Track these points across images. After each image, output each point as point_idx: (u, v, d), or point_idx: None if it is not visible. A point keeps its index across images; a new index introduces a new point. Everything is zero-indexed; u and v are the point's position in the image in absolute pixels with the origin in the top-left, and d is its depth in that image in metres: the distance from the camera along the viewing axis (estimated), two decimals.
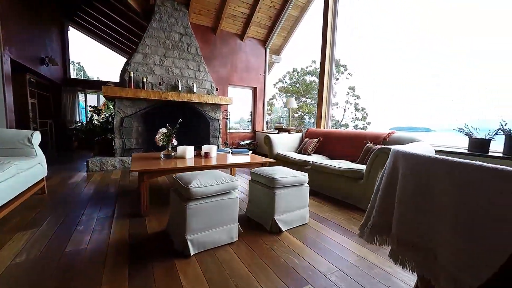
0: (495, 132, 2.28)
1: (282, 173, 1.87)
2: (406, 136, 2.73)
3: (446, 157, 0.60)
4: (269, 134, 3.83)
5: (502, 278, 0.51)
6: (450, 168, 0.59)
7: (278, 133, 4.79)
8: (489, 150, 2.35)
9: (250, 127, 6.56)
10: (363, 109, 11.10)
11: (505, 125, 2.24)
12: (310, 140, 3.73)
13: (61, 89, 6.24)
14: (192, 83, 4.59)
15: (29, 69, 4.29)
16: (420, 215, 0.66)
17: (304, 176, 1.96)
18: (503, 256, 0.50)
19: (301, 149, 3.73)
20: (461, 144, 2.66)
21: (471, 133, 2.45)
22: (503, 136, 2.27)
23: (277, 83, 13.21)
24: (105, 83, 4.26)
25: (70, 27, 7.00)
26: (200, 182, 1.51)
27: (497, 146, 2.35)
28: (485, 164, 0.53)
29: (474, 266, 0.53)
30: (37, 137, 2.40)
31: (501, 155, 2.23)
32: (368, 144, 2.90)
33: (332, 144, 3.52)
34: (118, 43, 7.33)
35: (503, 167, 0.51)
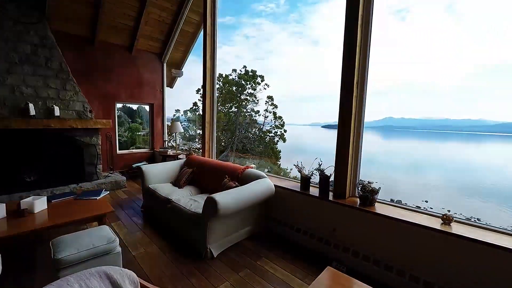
0: (311, 172, 2.64)
1: (76, 247, 1.67)
2: (255, 173, 2.90)
3: None
4: (142, 165, 3.57)
5: None
6: None
7: (162, 160, 4.56)
8: (311, 187, 2.72)
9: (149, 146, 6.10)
10: (280, 117, 11.93)
11: (320, 165, 2.61)
12: (187, 169, 3.64)
13: None
14: (53, 105, 3.89)
15: None
16: None
17: (111, 243, 1.80)
18: None
19: (175, 180, 3.60)
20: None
21: (301, 169, 2.79)
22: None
23: (199, 89, 12.88)
24: None
25: None
26: None
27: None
28: None
29: None
30: None
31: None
32: (225, 180, 2.99)
33: (204, 175, 3.46)
34: None
35: None
